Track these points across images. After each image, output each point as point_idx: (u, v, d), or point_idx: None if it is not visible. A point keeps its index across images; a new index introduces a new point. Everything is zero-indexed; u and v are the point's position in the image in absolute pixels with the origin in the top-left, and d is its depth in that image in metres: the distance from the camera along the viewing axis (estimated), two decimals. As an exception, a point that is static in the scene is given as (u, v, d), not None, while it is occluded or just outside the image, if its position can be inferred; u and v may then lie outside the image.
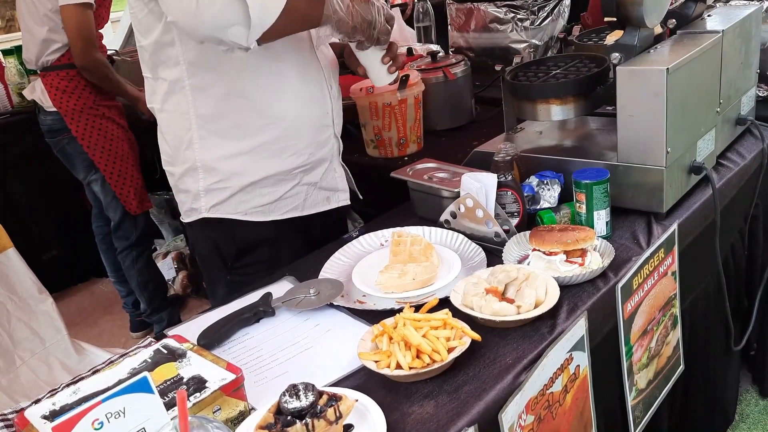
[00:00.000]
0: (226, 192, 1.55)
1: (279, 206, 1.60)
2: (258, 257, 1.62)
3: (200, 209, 1.57)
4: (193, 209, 1.59)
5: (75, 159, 2.86)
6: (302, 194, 1.62)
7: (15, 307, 2.18)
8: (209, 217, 1.57)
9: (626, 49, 1.51)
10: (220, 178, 1.54)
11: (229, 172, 1.53)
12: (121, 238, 2.99)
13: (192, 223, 1.60)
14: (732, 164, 1.75)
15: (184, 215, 1.63)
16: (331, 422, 0.92)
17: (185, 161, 1.55)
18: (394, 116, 2.08)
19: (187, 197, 1.58)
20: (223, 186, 1.54)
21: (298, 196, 1.62)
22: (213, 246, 1.63)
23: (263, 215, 1.59)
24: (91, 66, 2.64)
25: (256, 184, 1.55)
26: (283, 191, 1.59)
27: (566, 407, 1.20)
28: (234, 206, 1.56)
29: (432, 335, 1.10)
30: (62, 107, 2.72)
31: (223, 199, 1.55)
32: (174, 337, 1.14)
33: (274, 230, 1.60)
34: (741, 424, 2.21)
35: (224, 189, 1.54)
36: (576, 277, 1.29)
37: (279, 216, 1.60)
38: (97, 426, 0.84)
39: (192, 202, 1.58)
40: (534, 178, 1.57)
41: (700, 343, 1.74)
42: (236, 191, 1.55)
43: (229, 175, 1.53)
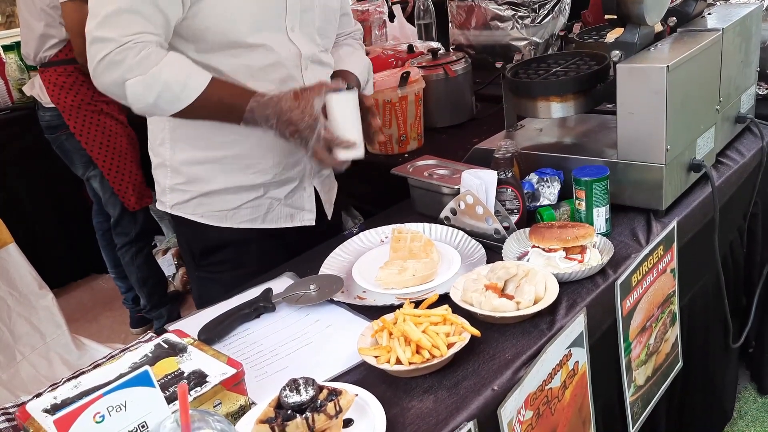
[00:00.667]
0: (187, 194, 1.58)
1: (238, 214, 1.59)
2: (222, 257, 1.63)
3: (166, 203, 1.62)
4: (161, 201, 1.64)
5: (73, 155, 2.86)
6: (264, 207, 1.60)
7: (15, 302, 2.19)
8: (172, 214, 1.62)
9: (626, 46, 1.51)
10: (184, 180, 1.57)
11: (192, 176, 1.56)
12: (120, 234, 3.00)
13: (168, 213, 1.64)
14: (731, 162, 1.76)
15: (158, 203, 1.67)
16: (331, 416, 0.92)
17: (158, 155, 1.60)
18: (394, 113, 2.08)
19: (159, 188, 1.64)
20: (186, 189, 1.57)
21: (260, 208, 1.60)
22: (184, 241, 1.69)
23: (219, 221, 1.59)
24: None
25: (214, 192, 1.57)
26: (243, 200, 1.58)
27: (565, 403, 1.21)
28: (193, 208, 1.59)
29: (432, 331, 1.10)
30: (60, 103, 2.72)
31: (184, 200, 1.58)
32: (175, 332, 1.14)
33: (237, 233, 1.60)
34: (739, 421, 2.21)
35: (186, 191, 1.57)
36: (575, 273, 1.29)
37: (236, 224, 1.59)
38: (99, 419, 0.84)
39: (161, 195, 1.63)
40: (534, 175, 1.58)
41: (699, 341, 1.75)
42: (196, 195, 1.57)
43: (192, 179, 1.56)
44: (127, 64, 1.32)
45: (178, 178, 1.57)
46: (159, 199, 1.65)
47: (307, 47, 1.53)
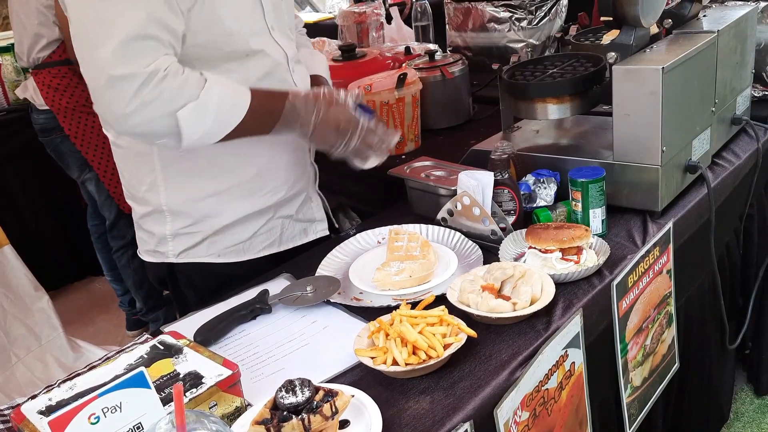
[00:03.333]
0: (197, 236, 1.43)
1: (254, 244, 1.49)
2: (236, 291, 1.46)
3: (167, 254, 1.44)
4: (157, 252, 1.46)
5: (68, 158, 2.85)
6: (278, 228, 1.51)
7: (11, 304, 2.18)
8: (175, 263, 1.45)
9: (622, 48, 1.51)
10: (191, 222, 1.42)
11: (199, 215, 1.41)
12: (116, 238, 2.99)
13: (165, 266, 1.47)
14: (727, 163, 1.76)
15: (145, 254, 1.50)
16: (327, 417, 0.92)
17: (147, 203, 1.42)
18: (391, 115, 2.08)
19: (151, 239, 1.46)
20: (195, 230, 1.42)
21: (274, 231, 1.50)
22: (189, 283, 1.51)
23: (237, 255, 1.47)
24: None
25: (229, 225, 1.44)
26: (256, 228, 1.47)
27: (561, 404, 1.21)
28: (205, 249, 1.44)
29: (428, 332, 1.10)
30: (54, 105, 2.71)
31: (193, 243, 1.44)
32: (170, 334, 1.14)
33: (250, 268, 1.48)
34: (736, 423, 2.22)
35: (195, 234, 1.43)
36: (572, 274, 1.29)
37: (254, 255, 1.49)
38: (94, 421, 0.84)
39: (157, 245, 1.45)
40: (530, 176, 1.58)
41: (695, 342, 1.75)
42: (208, 235, 1.43)
43: (201, 219, 1.42)
44: (169, 95, 1.17)
45: (182, 221, 1.41)
46: (154, 249, 1.46)
47: (288, 47, 1.44)
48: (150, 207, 1.43)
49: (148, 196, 1.42)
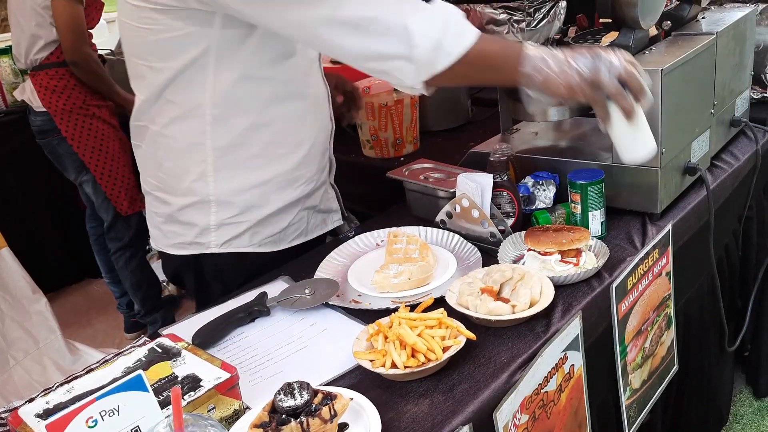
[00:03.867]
0: (241, 226, 1.47)
1: (287, 234, 1.54)
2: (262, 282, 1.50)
3: (208, 244, 1.47)
4: (196, 243, 1.48)
5: (65, 159, 2.85)
6: (305, 219, 1.56)
7: (9, 307, 2.18)
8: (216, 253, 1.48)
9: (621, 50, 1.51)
10: (237, 212, 1.45)
11: (245, 205, 1.45)
12: (114, 239, 2.98)
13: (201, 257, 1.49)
14: (726, 165, 1.76)
15: (174, 247, 1.51)
16: (325, 421, 0.91)
17: (192, 194, 1.44)
18: (390, 117, 2.08)
19: (190, 230, 1.47)
20: (239, 220, 1.46)
21: (302, 222, 1.56)
22: (218, 275, 1.53)
23: (274, 245, 1.52)
24: (80, 61, 2.62)
25: (270, 215, 1.48)
26: (291, 218, 1.52)
27: (561, 406, 1.21)
28: (248, 239, 1.48)
29: (427, 334, 1.10)
30: (51, 107, 2.71)
31: (237, 233, 1.47)
32: (168, 336, 1.13)
33: (280, 258, 1.54)
34: (735, 425, 2.21)
35: (240, 223, 1.46)
36: (571, 276, 1.29)
37: (287, 244, 1.54)
38: (91, 424, 0.83)
39: (197, 237, 1.47)
40: (529, 178, 1.58)
41: (695, 344, 1.75)
42: (252, 225, 1.47)
43: (246, 209, 1.45)
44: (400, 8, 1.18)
45: (229, 212, 1.44)
46: (193, 240, 1.47)
47: None
48: (195, 198, 1.44)
49: (195, 186, 1.43)
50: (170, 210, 1.49)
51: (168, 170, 1.46)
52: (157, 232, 1.55)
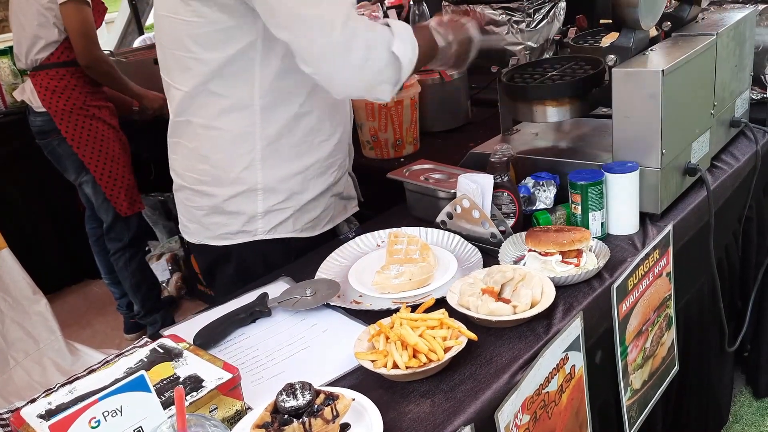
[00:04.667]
0: (286, 212, 1.53)
1: (321, 220, 1.61)
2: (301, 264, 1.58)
3: (255, 231, 1.53)
4: (243, 231, 1.53)
5: (65, 160, 2.84)
6: (332, 206, 1.63)
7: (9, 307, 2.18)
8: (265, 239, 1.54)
9: (622, 51, 1.51)
10: (282, 198, 1.52)
11: (289, 192, 1.52)
12: (113, 240, 2.98)
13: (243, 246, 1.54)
14: (726, 166, 1.76)
15: (219, 239, 1.55)
16: (328, 421, 0.91)
17: (240, 183, 1.49)
18: (390, 117, 2.08)
19: (236, 220, 1.52)
20: (284, 207, 1.53)
21: (330, 209, 1.63)
22: (263, 260, 1.57)
23: (311, 230, 1.59)
24: (93, 64, 2.63)
25: (309, 202, 1.55)
26: (325, 205, 1.60)
27: (562, 407, 1.21)
28: (291, 225, 1.55)
29: (428, 335, 1.10)
30: (51, 107, 2.71)
31: (282, 219, 1.54)
32: (170, 337, 1.13)
33: (314, 243, 1.60)
34: (735, 425, 2.22)
35: (284, 210, 1.53)
36: (572, 277, 1.29)
37: (321, 230, 1.61)
38: (94, 424, 0.83)
39: (244, 225, 1.53)
40: (530, 179, 1.58)
41: (695, 344, 1.75)
42: (294, 211, 1.54)
43: (290, 195, 1.52)
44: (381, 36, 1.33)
45: (275, 198, 1.51)
46: (240, 229, 1.52)
47: None
48: (243, 187, 1.50)
49: (244, 175, 1.49)
50: (215, 201, 1.52)
51: (216, 162, 1.50)
52: (196, 226, 1.59)
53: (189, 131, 1.51)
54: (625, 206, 1.45)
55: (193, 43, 1.40)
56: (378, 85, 1.36)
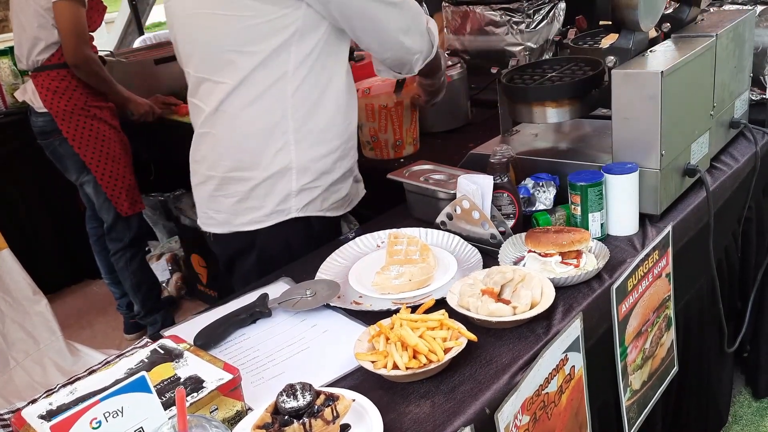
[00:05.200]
0: (316, 191, 1.61)
1: (344, 202, 1.70)
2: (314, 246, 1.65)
3: (289, 210, 1.60)
4: (277, 211, 1.60)
5: (67, 160, 2.85)
6: (352, 188, 1.73)
7: (9, 308, 2.18)
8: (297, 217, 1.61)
9: (621, 52, 1.52)
10: (313, 177, 1.60)
11: (319, 171, 1.60)
12: (114, 240, 2.98)
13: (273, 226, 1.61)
14: (725, 167, 1.76)
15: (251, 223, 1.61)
16: (328, 422, 0.92)
17: (274, 164, 1.57)
18: (390, 118, 2.08)
19: (270, 200, 1.59)
20: (315, 185, 1.61)
21: (352, 190, 1.73)
22: (285, 246, 1.63)
23: (336, 210, 1.68)
24: (82, 63, 2.62)
25: (336, 182, 1.64)
26: (348, 187, 1.70)
27: (561, 408, 1.21)
28: (320, 204, 1.64)
29: (428, 336, 1.10)
30: (53, 108, 2.71)
31: (313, 198, 1.62)
32: (171, 338, 1.14)
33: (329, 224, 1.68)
34: (734, 426, 2.22)
35: (315, 188, 1.61)
36: (571, 278, 1.29)
37: (343, 210, 1.71)
38: (95, 425, 0.84)
39: (278, 205, 1.59)
40: (529, 180, 1.58)
41: (694, 345, 1.75)
42: (323, 190, 1.63)
43: (320, 174, 1.61)
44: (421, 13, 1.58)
45: (307, 177, 1.59)
46: (274, 210, 1.59)
47: None
48: (277, 167, 1.57)
49: (278, 157, 1.56)
50: (249, 186, 1.59)
51: (252, 147, 1.57)
52: (225, 216, 1.64)
53: (223, 120, 1.58)
54: (624, 207, 1.46)
55: (241, 37, 1.48)
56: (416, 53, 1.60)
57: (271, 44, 1.47)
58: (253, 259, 1.66)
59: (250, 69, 1.50)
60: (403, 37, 1.55)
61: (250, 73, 1.50)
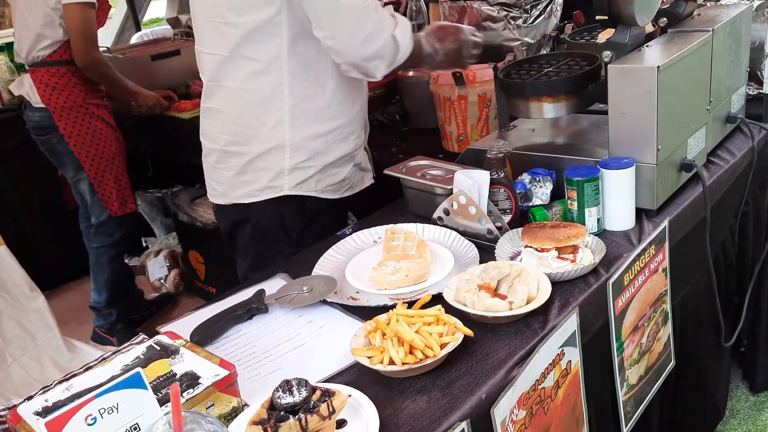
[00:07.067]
0: (310, 171, 1.63)
1: (342, 185, 1.71)
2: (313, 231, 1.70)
3: (281, 187, 1.63)
4: (270, 187, 1.63)
5: (64, 157, 2.83)
6: (353, 174, 1.74)
7: (6, 305, 2.17)
8: (289, 195, 1.63)
9: (618, 47, 1.52)
10: (307, 157, 1.62)
11: (313, 151, 1.62)
12: (103, 235, 2.97)
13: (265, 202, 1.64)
14: (722, 162, 1.76)
15: (246, 196, 1.65)
16: (324, 417, 0.92)
17: (269, 140, 1.60)
18: (453, 111, 2.06)
19: (263, 175, 1.63)
20: (308, 165, 1.63)
21: (352, 177, 1.74)
22: (279, 221, 1.68)
23: (332, 194, 1.69)
24: (91, 65, 2.63)
25: (331, 164, 1.65)
26: (346, 172, 1.70)
27: (558, 402, 1.21)
28: (314, 184, 1.65)
29: (425, 331, 1.10)
30: (51, 104, 2.70)
31: (306, 177, 1.64)
32: (167, 334, 1.14)
33: (326, 207, 1.70)
34: (731, 420, 2.22)
35: (309, 168, 1.63)
36: (568, 273, 1.30)
37: (341, 194, 1.72)
38: (90, 421, 0.84)
39: (271, 180, 1.63)
40: (526, 175, 1.58)
41: (691, 340, 1.75)
42: (317, 171, 1.64)
43: (314, 155, 1.62)
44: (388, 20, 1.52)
45: (300, 156, 1.61)
46: (266, 185, 1.63)
47: None
48: (272, 143, 1.60)
49: (273, 133, 1.59)
50: (245, 160, 1.63)
51: (247, 122, 1.60)
52: (225, 187, 1.69)
53: (222, 94, 1.62)
54: (621, 202, 1.46)
55: (226, 8, 1.51)
56: (375, 59, 1.51)
57: (256, 17, 1.49)
58: (248, 231, 1.71)
59: (237, 41, 1.52)
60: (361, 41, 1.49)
61: (240, 45, 1.53)
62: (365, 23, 1.47)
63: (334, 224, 1.72)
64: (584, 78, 1.57)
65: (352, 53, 1.50)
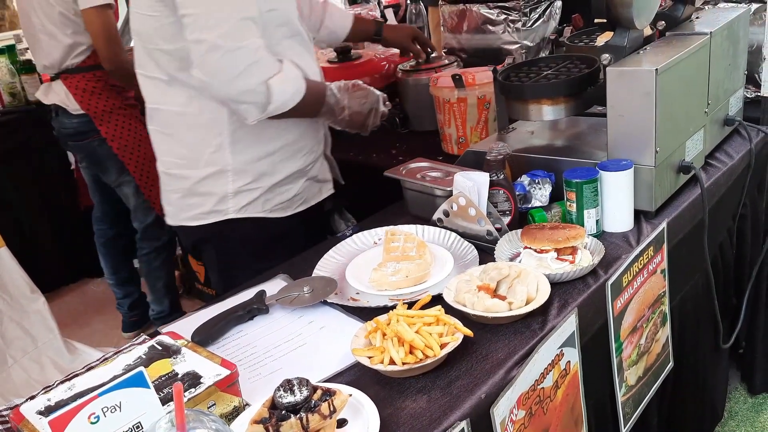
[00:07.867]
0: (255, 192, 1.62)
1: (293, 202, 1.69)
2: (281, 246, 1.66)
3: (227, 210, 1.62)
4: (215, 211, 1.62)
5: (106, 161, 2.79)
6: (306, 189, 1.71)
7: (7, 306, 2.18)
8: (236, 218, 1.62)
9: (616, 50, 1.52)
10: (252, 179, 1.60)
11: (258, 173, 1.60)
12: (150, 239, 2.94)
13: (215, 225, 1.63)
14: (720, 164, 1.77)
15: (194, 219, 1.64)
16: (325, 416, 0.92)
17: (211, 164, 1.58)
18: (453, 113, 2.06)
19: (208, 200, 1.61)
20: (254, 187, 1.61)
21: (305, 191, 1.71)
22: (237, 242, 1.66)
23: (282, 211, 1.67)
24: (116, 69, 2.57)
25: (278, 183, 1.64)
26: (297, 187, 1.68)
27: (557, 403, 1.22)
28: (261, 205, 1.64)
29: (425, 331, 1.11)
30: (91, 109, 2.67)
31: (252, 199, 1.62)
32: (168, 334, 1.14)
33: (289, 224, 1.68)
34: (729, 422, 2.23)
35: (254, 190, 1.61)
36: (567, 274, 1.30)
37: (293, 211, 1.69)
38: (93, 420, 0.84)
39: (215, 205, 1.61)
40: (525, 177, 1.59)
41: (690, 341, 1.76)
42: (264, 191, 1.62)
43: (259, 176, 1.61)
44: (267, 67, 1.44)
45: (244, 179, 1.60)
46: (211, 209, 1.61)
47: None
48: (214, 168, 1.58)
49: (214, 157, 1.58)
50: (189, 183, 1.61)
51: (188, 146, 1.59)
52: (173, 209, 1.68)
53: (162, 118, 1.61)
54: (619, 204, 1.47)
55: (156, 35, 1.50)
56: (244, 103, 1.46)
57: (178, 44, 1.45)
58: (212, 251, 1.71)
59: (171, 67, 1.51)
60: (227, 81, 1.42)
61: (174, 72, 1.51)
62: (235, 64, 1.40)
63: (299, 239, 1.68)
64: (583, 80, 1.58)
65: (220, 91, 1.45)
